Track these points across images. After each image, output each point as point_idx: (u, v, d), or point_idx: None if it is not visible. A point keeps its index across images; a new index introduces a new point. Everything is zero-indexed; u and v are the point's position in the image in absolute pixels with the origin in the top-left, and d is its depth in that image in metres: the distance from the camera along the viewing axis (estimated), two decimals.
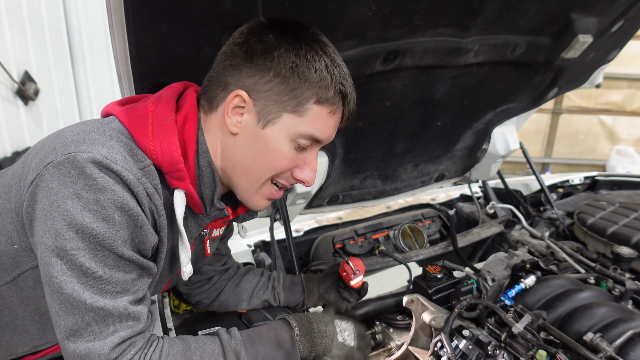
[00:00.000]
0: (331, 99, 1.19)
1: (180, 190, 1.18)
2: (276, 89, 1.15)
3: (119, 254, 1.05)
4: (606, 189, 2.91)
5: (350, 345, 1.45)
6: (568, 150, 7.84)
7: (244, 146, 1.21)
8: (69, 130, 1.11)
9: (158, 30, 1.20)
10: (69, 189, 1.00)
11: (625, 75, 7.10)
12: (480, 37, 1.72)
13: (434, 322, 1.46)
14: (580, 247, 2.25)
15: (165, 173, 1.16)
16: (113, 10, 1.13)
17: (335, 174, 2.11)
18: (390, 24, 1.49)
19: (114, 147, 1.05)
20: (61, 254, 1.01)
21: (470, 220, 2.68)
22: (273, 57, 1.14)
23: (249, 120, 1.18)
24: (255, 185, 1.27)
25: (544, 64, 2.00)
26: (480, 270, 1.80)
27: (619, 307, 1.51)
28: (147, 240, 1.11)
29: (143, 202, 1.07)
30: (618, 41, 2.19)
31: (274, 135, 1.19)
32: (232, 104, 1.17)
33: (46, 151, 1.05)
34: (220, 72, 1.19)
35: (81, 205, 1.00)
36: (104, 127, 1.10)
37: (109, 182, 1.01)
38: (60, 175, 1.00)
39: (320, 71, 1.16)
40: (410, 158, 2.29)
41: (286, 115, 1.18)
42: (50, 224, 1.01)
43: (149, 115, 1.16)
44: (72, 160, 1.00)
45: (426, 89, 1.90)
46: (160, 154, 1.13)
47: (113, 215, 1.02)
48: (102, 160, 1.01)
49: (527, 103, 2.32)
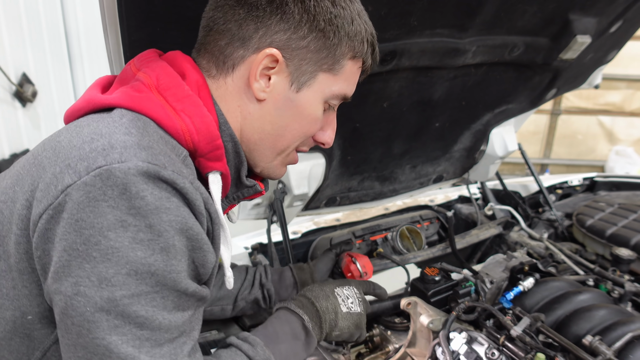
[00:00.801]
0: (364, 53, 1.07)
1: (216, 173, 0.99)
2: (313, 45, 0.99)
3: (181, 289, 0.84)
4: (605, 190, 2.91)
5: (356, 311, 1.33)
6: (567, 151, 7.84)
7: (272, 114, 1.04)
8: (74, 137, 0.85)
9: (152, 32, 1.20)
10: (109, 217, 0.76)
11: (624, 76, 7.10)
12: (478, 38, 1.71)
13: (431, 324, 1.45)
14: (579, 249, 2.25)
15: (200, 155, 0.96)
16: (107, 12, 1.12)
17: (332, 176, 2.10)
18: (387, 25, 1.48)
19: (152, 145, 0.83)
20: (109, 306, 0.77)
21: (468, 222, 2.67)
22: (309, 7, 0.96)
23: (280, 83, 1.01)
24: (281, 155, 1.12)
25: (542, 64, 2.00)
26: (478, 272, 1.79)
27: (618, 309, 1.50)
28: (207, 262, 0.90)
29: (202, 212, 0.87)
30: (617, 42, 2.18)
31: (309, 98, 1.04)
32: (262, 65, 0.98)
33: (55, 170, 0.80)
34: (233, 24, 0.98)
35: (129, 236, 0.77)
36: (120, 123, 0.86)
37: (160, 197, 0.79)
38: (92, 200, 0.76)
39: (356, 22, 1.02)
40: (408, 159, 2.28)
41: (322, 75, 1.03)
42: (90, 269, 0.76)
43: (154, 90, 0.95)
44: (107, 176, 0.76)
45: (424, 90, 1.89)
46: (195, 132, 0.93)
47: (172, 241, 0.80)
48: (149, 168, 0.78)
49: (526, 104, 2.31)
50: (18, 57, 4.33)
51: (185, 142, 0.93)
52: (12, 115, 4.35)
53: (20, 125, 4.44)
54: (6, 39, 4.16)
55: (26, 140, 4.49)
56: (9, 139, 4.32)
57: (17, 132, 4.42)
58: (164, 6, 1.14)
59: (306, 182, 1.99)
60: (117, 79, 1.03)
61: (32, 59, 4.49)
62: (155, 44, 1.22)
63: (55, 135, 0.91)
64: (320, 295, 1.30)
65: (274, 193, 2.02)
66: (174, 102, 0.93)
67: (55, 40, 4.78)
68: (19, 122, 4.43)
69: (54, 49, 4.78)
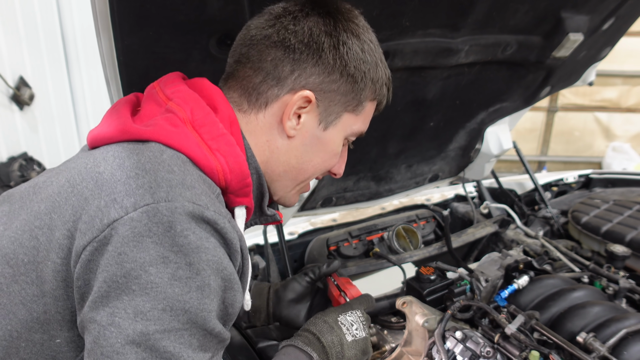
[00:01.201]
0: (383, 95, 1.16)
1: (242, 207, 1.04)
2: (342, 88, 1.06)
3: (208, 329, 0.85)
4: (600, 186, 2.91)
5: (361, 337, 1.32)
6: (564, 148, 7.85)
7: (299, 149, 1.10)
8: (117, 170, 0.86)
9: (145, 36, 1.20)
10: (151, 253, 0.78)
11: (620, 72, 7.11)
12: (470, 37, 1.72)
13: (426, 324, 1.46)
14: (575, 246, 2.26)
15: (230, 192, 1.00)
16: (99, 16, 1.12)
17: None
18: (379, 26, 1.47)
19: (194, 185, 0.86)
20: (140, 340, 0.78)
21: (465, 220, 2.68)
22: (342, 54, 1.03)
23: (309, 122, 1.08)
24: (299, 185, 1.19)
25: (535, 62, 2.00)
26: (473, 271, 1.79)
27: (613, 306, 1.51)
28: (236, 302, 0.92)
29: (237, 250, 0.90)
30: (609, 39, 2.19)
31: (334, 136, 1.12)
32: (295, 105, 1.04)
33: (100, 204, 0.82)
34: (269, 63, 1.03)
35: (170, 272, 0.79)
36: (161, 159, 0.88)
37: (201, 237, 0.82)
38: (137, 235, 0.78)
39: (379, 67, 1.11)
40: (404, 159, 2.29)
41: (346, 115, 1.11)
42: (128, 301, 0.78)
43: (188, 125, 0.97)
44: (154, 214, 0.79)
45: (418, 90, 1.90)
46: (228, 171, 0.97)
47: (208, 280, 0.83)
48: (194, 209, 0.81)
49: (520, 102, 2.32)
50: (15, 60, 4.33)
51: (218, 180, 0.96)
52: (9, 118, 4.35)
53: (17, 129, 4.44)
54: (3, 42, 4.17)
55: (24, 143, 4.49)
56: (7, 143, 4.32)
57: (15, 136, 4.42)
58: (157, 11, 1.14)
59: None
60: (146, 105, 1.05)
61: (29, 62, 4.49)
62: (148, 49, 1.23)
63: (93, 164, 0.90)
64: (325, 329, 1.28)
65: None
66: (209, 140, 0.96)
67: (52, 44, 4.77)
68: (17, 125, 4.43)
69: (51, 52, 4.77)
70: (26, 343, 0.87)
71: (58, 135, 4.84)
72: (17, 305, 0.86)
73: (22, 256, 0.86)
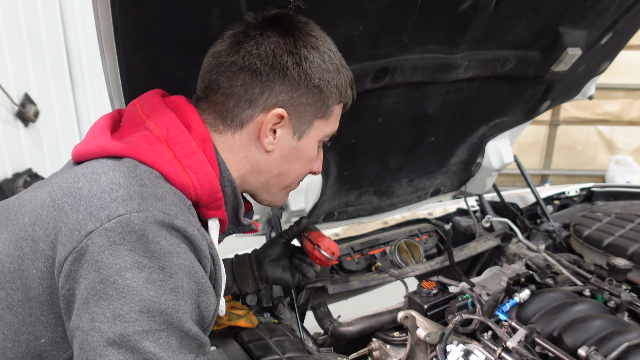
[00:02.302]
0: (348, 96, 1.23)
1: (215, 219, 1.12)
2: (310, 99, 1.14)
3: (185, 330, 0.89)
4: (602, 200, 2.91)
5: None
6: (567, 162, 7.84)
7: (278, 160, 1.19)
8: (94, 185, 0.92)
9: (148, 54, 1.22)
10: (126, 259, 0.84)
11: (621, 86, 7.13)
12: (469, 53, 1.74)
13: (428, 338, 1.46)
14: (577, 259, 2.25)
15: (202, 206, 1.07)
16: (103, 35, 1.15)
17: (330, 191, 2.12)
18: (379, 42, 1.51)
19: (165, 196, 0.93)
20: (121, 341, 0.82)
21: (467, 234, 2.68)
22: (305, 69, 1.10)
23: (284, 135, 1.16)
24: (286, 190, 1.29)
25: (534, 77, 2.02)
26: (475, 284, 1.79)
27: (614, 319, 1.51)
28: (210, 305, 0.98)
29: (207, 257, 0.96)
30: (608, 53, 2.21)
31: (309, 143, 1.20)
32: (270, 123, 1.12)
33: (78, 217, 0.88)
34: (239, 88, 1.09)
35: (144, 276, 0.84)
36: (135, 174, 0.94)
37: (172, 243, 0.88)
38: (112, 244, 0.84)
39: (341, 72, 1.17)
40: (405, 173, 2.30)
41: (317, 122, 1.19)
42: (106, 306, 0.83)
43: (163, 143, 1.03)
44: (127, 223, 0.85)
45: (418, 105, 1.91)
46: (199, 187, 1.03)
47: (181, 283, 0.88)
48: (164, 218, 0.88)
49: (520, 116, 2.33)
50: (20, 77, 4.37)
51: (189, 195, 1.03)
52: (14, 135, 4.39)
53: (22, 145, 4.48)
54: (8, 60, 4.21)
55: (28, 159, 4.52)
56: (12, 159, 4.35)
57: (20, 152, 4.45)
58: (159, 30, 1.16)
59: (303, 198, 2.02)
60: (126, 122, 1.12)
61: (34, 79, 4.54)
62: (151, 67, 1.25)
63: (73, 180, 0.96)
64: None
65: (271, 209, 2.03)
66: (181, 157, 1.03)
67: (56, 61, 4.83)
68: (21, 141, 4.46)
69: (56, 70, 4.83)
70: (12, 344, 0.93)
71: (62, 152, 4.88)
72: (3, 310, 0.92)
73: (8, 265, 0.92)
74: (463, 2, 1.48)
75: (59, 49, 4.86)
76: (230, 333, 1.71)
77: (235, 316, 1.72)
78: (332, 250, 1.54)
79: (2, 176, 4.30)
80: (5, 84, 4.14)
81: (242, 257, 1.70)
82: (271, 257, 1.65)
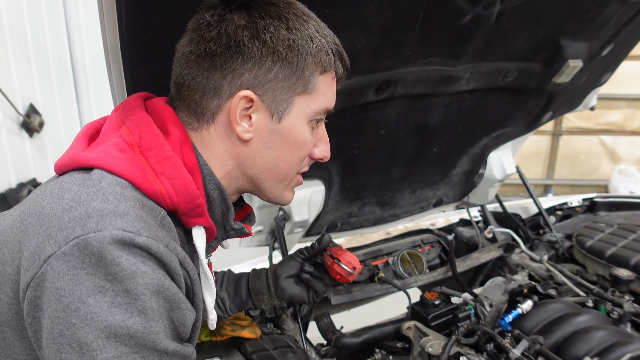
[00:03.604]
0: (333, 64, 1.07)
1: (199, 227, 1.03)
2: (280, 74, 1.01)
3: (161, 349, 0.85)
4: (605, 210, 2.92)
5: None
6: (570, 172, 7.84)
7: (261, 149, 1.06)
8: (56, 204, 0.87)
9: (154, 68, 1.24)
10: (87, 284, 0.79)
11: (623, 96, 7.15)
12: (471, 65, 1.76)
13: (431, 349, 1.46)
14: (580, 270, 2.25)
15: (181, 214, 0.99)
16: (110, 49, 1.17)
17: (332, 202, 2.13)
18: (381, 55, 1.52)
19: (128, 211, 0.85)
20: None
21: (470, 245, 2.68)
22: (266, 41, 0.98)
23: (261, 119, 1.03)
24: (283, 183, 1.14)
25: (536, 89, 2.04)
26: (477, 295, 1.80)
27: (617, 330, 1.51)
28: (186, 320, 0.93)
29: (178, 273, 0.89)
30: (609, 64, 2.22)
31: (293, 124, 1.06)
32: (239, 108, 1.00)
33: (38, 240, 0.83)
34: (200, 77, 1.01)
35: (108, 300, 0.79)
36: (98, 188, 0.88)
37: (136, 262, 0.81)
38: (71, 269, 0.79)
39: (316, 39, 1.03)
40: (408, 184, 2.31)
41: (297, 98, 1.05)
42: (70, 335, 0.78)
43: (136, 149, 0.96)
44: (84, 246, 0.79)
45: (420, 117, 1.93)
46: (174, 195, 0.95)
47: (150, 303, 0.82)
48: (123, 236, 0.81)
49: (522, 127, 2.34)
50: (25, 88, 4.41)
51: (164, 203, 0.95)
52: (19, 145, 4.41)
53: (27, 155, 4.50)
54: (14, 71, 4.25)
55: (33, 169, 4.54)
56: (16, 169, 4.37)
57: (24, 162, 4.47)
58: (165, 44, 1.18)
59: (306, 209, 2.02)
60: (105, 129, 1.04)
61: (39, 90, 4.57)
62: (156, 80, 1.27)
63: (40, 197, 0.92)
64: None
65: (274, 220, 2.04)
66: (154, 163, 0.95)
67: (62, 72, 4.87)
68: (26, 152, 4.49)
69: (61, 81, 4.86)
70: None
71: None
72: None
73: None
74: (464, 16, 1.50)
75: (64, 61, 4.90)
76: (233, 344, 1.71)
77: (239, 327, 1.72)
78: (353, 264, 1.43)
79: (7, 186, 4.32)
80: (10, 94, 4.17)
81: (259, 272, 1.59)
82: (288, 273, 1.52)
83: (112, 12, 1.07)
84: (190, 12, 1.04)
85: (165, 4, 1.11)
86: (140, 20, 1.11)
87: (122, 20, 1.09)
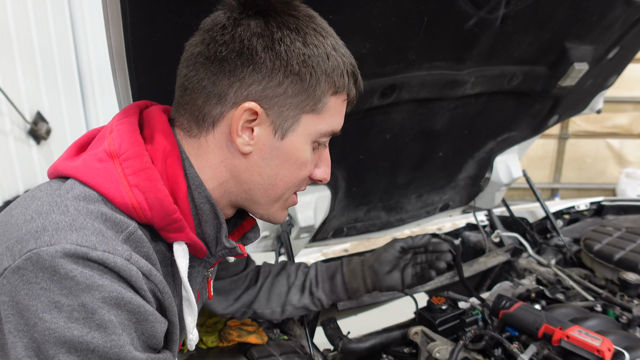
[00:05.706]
0: (346, 85, 1.02)
1: (181, 243, 0.98)
2: (290, 90, 0.96)
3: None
4: (612, 214, 2.90)
5: None
6: (577, 175, 7.81)
7: (259, 164, 1.01)
8: (19, 213, 0.85)
9: (159, 75, 1.24)
10: (42, 300, 0.76)
11: (630, 99, 7.13)
12: (476, 69, 1.75)
13: (438, 354, 1.46)
14: (588, 274, 2.24)
15: (158, 229, 0.95)
16: (115, 56, 1.17)
17: (338, 207, 2.13)
18: (386, 60, 1.52)
19: (86, 225, 0.82)
20: None
21: (477, 249, 2.68)
22: (280, 53, 0.93)
23: (263, 134, 0.98)
24: (278, 202, 1.09)
25: (541, 92, 2.03)
26: (485, 300, 1.79)
27: (626, 335, 1.50)
28: (156, 332, 0.90)
29: (141, 287, 0.86)
30: (615, 67, 2.22)
31: (296, 143, 1.01)
32: (242, 119, 0.95)
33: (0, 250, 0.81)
34: (207, 81, 0.96)
35: (64, 316, 0.77)
36: (62, 199, 0.86)
37: (91, 276, 0.78)
38: (26, 283, 0.76)
39: (332, 57, 0.98)
40: (414, 189, 2.30)
41: (305, 117, 0.99)
42: (36, 347, 0.77)
43: (115, 160, 0.92)
44: (37, 260, 0.76)
45: (425, 121, 1.93)
46: (147, 208, 0.90)
47: (109, 317, 0.80)
48: (76, 250, 0.78)
49: (528, 131, 2.34)
50: (33, 96, 4.43)
51: (138, 217, 0.91)
52: (26, 152, 4.44)
53: (34, 163, 4.52)
54: (21, 79, 4.28)
55: (40, 177, 4.56)
56: (23, 176, 4.39)
57: (31, 169, 4.50)
58: (170, 51, 1.18)
59: (312, 214, 2.02)
60: (96, 138, 1.01)
61: (46, 98, 4.60)
62: (162, 87, 1.27)
63: (14, 206, 0.91)
64: None
65: (280, 226, 2.04)
66: (129, 175, 0.91)
67: (68, 80, 4.90)
68: (33, 159, 4.51)
69: (68, 88, 4.89)
70: None
71: None
72: None
73: None
74: (469, 19, 1.50)
75: (70, 68, 4.93)
76: (240, 349, 1.71)
77: (245, 332, 1.72)
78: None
79: (14, 193, 4.34)
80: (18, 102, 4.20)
81: (354, 270, 1.64)
82: (387, 269, 1.60)
83: (117, 19, 1.07)
84: (195, 19, 1.04)
85: (170, 11, 1.11)
86: (145, 27, 1.12)
87: (127, 28, 1.09)
